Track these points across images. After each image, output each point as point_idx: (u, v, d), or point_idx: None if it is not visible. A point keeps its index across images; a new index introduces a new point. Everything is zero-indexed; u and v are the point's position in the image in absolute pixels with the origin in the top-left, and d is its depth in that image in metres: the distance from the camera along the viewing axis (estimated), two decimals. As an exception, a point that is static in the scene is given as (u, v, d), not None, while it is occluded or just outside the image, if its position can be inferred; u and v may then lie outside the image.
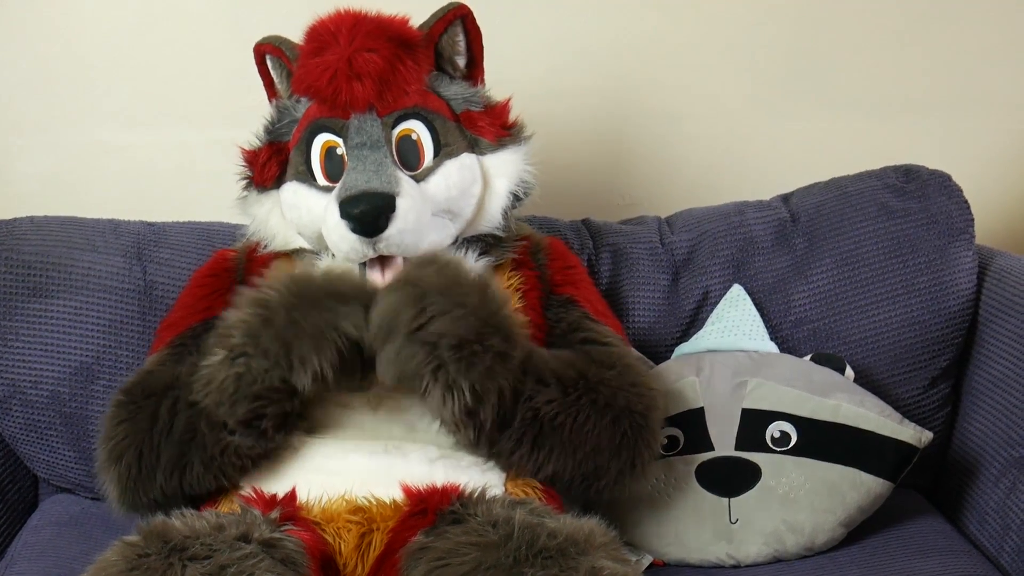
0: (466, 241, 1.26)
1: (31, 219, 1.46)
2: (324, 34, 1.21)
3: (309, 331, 1.06)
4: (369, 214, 1.13)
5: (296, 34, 1.28)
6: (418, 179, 1.20)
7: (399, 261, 1.18)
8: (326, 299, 1.08)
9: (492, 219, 1.27)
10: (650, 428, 1.17)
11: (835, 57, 1.73)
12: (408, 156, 1.21)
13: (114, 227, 1.47)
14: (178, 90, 1.69)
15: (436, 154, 1.22)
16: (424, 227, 1.18)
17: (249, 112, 1.67)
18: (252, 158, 1.30)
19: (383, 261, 1.18)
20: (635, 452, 1.16)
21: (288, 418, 1.12)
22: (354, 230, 1.13)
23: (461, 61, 1.29)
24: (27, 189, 1.71)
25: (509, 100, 1.29)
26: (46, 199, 1.67)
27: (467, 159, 1.23)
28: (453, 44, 1.27)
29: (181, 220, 1.53)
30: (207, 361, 1.10)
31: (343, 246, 1.16)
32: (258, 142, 1.30)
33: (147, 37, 1.67)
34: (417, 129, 1.22)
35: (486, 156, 1.26)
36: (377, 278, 1.18)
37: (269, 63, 1.32)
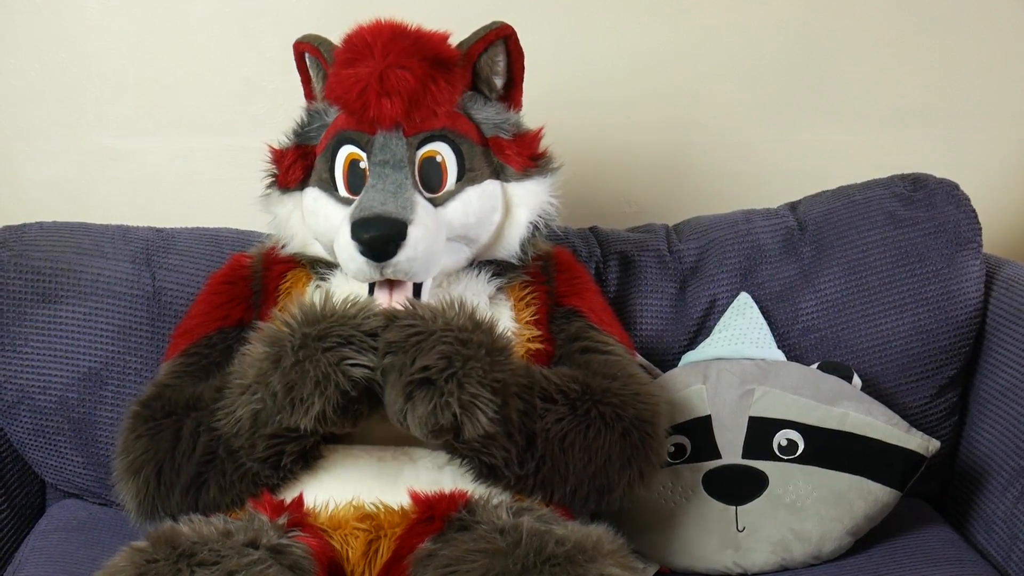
0: (480, 264, 1.26)
1: (40, 225, 1.46)
2: (360, 45, 1.19)
3: (313, 374, 1.03)
4: (378, 240, 1.12)
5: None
6: (437, 203, 1.19)
7: (408, 285, 1.17)
8: (334, 339, 1.04)
9: (509, 247, 1.26)
10: (657, 437, 1.17)
11: (842, 67, 1.73)
12: (430, 178, 1.20)
13: (123, 233, 1.47)
14: (184, 97, 1.69)
15: (459, 178, 1.21)
16: (436, 253, 1.17)
17: (254, 120, 1.68)
18: (279, 158, 1.28)
19: (392, 283, 1.17)
20: (644, 462, 1.16)
21: (308, 452, 1.12)
22: (363, 253, 1.12)
23: (499, 82, 1.27)
24: (34, 196, 1.72)
25: (540, 130, 1.28)
26: (53, 206, 1.68)
27: (490, 186, 1.23)
28: (492, 64, 1.26)
29: (189, 226, 1.53)
30: (229, 392, 1.10)
31: (351, 266, 1.15)
32: (287, 141, 1.28)
33: (153, 45, 1.68)
34: (443, 152, 1.20)
35: (510, 184, 1.25)
36: (384, 299, 1.16)
37: (308, 62, 1.30)
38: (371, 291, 1.18)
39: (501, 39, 1.25)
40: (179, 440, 1.13)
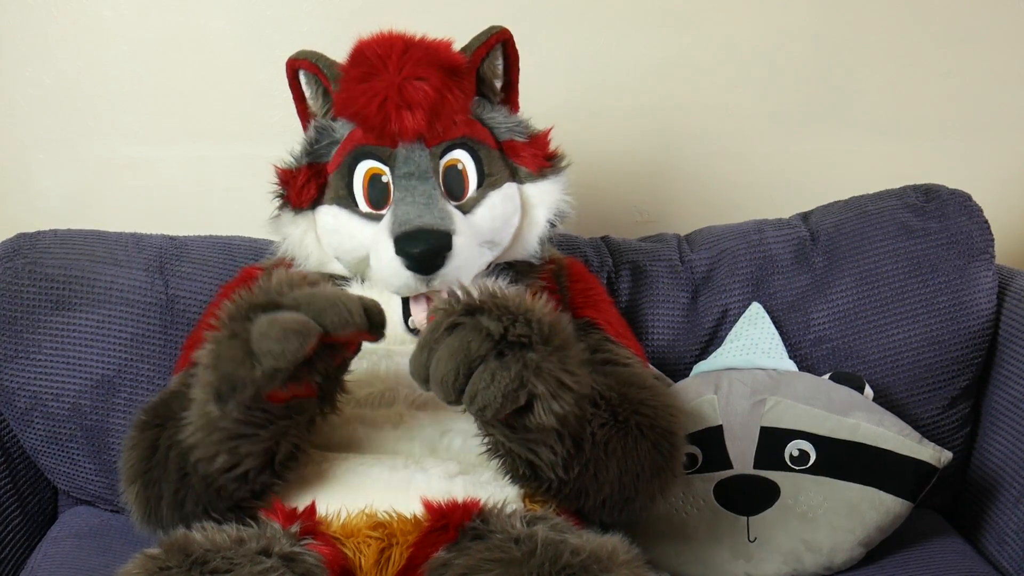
0: (498, 267, 1.26)
1: (54, 232, 1.47)
2: (372, 59, 1.18)
3: (226, 358, 0.96)
4: (428, 254, 1.12)
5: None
6: (463, 210, 1.19)
7: (443, 293, 1.17)
8: (240, 322, 0.98)
9: (528, 247, 1.27)
10: (680, 450, 1.17)
11: (855, 78, 1.73)
12: (453, 186, 1.20)
13: (136, 241, 1.47)
14: (199, 106, 1.70)
15: (480, 184, 1.21)
16: (475, 260, 1.17)
17: (269, 128, 1.69)
18: (288, 178, 1.26)
19: (427, 296, 1.17)
20: (668, 474, 1.15)
21: (274, 460, 1.08)
22: (410, 267, 1.12)
23: (498, 84, 1.28)
24: (49, 204, 1.72)
25: (550, 130, 1.29)
26: (67, 214, 1.68)
27: (509, 189, 1.23)
28: (493, 68, 1.26)
29: (202, 235, 1.53)
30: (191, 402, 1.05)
31: (395, 282, 1.15)
32: (292, 160, 1.26)
33: (168, 54, 1.68)
34: (463, 159, 1.21)
35: (526, 185, 1.25)
36: (421, 312, 1.17)
37: (303, 79, 1.29)
38: (405, 305, 1.18)
39: (500, 43, 1.25)
40: (155, 452, 1.10)
